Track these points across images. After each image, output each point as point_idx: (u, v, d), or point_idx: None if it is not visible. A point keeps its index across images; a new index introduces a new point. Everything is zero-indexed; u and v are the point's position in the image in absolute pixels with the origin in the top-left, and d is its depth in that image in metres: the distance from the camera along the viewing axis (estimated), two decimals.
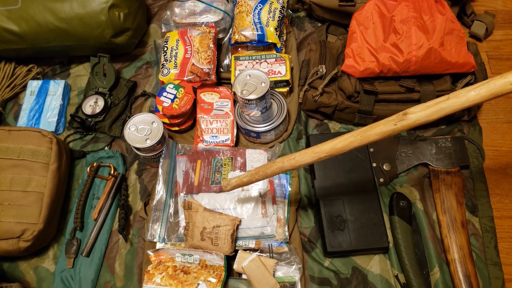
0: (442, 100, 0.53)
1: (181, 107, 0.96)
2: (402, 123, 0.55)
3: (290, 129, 1.01)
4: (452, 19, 0.91)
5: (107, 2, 1.01)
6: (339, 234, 0.84)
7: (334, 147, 0.60)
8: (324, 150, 0.61)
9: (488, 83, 0.50)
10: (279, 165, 0.66)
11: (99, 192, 0.95)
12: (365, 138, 0.57)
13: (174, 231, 0.87)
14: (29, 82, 1.10)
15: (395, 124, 0.56)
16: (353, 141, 0.58)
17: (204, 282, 0.80)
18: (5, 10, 1.01)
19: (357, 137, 0.58)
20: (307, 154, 0.63)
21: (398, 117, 0.56)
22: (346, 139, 0.59)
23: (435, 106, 0.53)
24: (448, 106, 0.52)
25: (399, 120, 0.55)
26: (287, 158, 0.65)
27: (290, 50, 1.11)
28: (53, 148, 0.90)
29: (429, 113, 0.53)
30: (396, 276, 0.84)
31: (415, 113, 0.54)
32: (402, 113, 0.56)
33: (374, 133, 0.57)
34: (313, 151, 0.62)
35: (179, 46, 1.03)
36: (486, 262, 0.85)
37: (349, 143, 0.59)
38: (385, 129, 0.56)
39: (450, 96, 0.52)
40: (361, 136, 0.58)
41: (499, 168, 0.95)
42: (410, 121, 0.55)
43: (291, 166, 0.65)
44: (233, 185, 0.75)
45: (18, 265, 0.90)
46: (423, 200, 0.91)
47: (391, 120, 0.56)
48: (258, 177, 0.70)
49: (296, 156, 0.63)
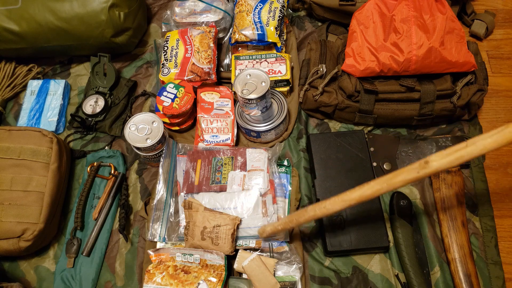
0: (461, 148, 0.56)
1: (182, 106, 0.96)
2: (425, 171, 0.59)
3: (291, 128, 1.01)
4: (452, 18, 0.91)
5: (107, 1, 1.01)
6: (340, 233, 0.84)
7: (363, 195, 0.64)
8: (354, 197, 0.65)
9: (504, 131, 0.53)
10: (311, 214, 0.70)
11: (100, 191, 0.95)
12: (391, 185, 0.62)
13: (175, 231, 0.87)
14: (30, 81, 1.10)
15: (418, 172, 0.59)
16: (380, 189, 0.63)
17: (205, 281, 0.80)
18: (5, 9, 1.01)
19: (383, 185, 0.62)
20: (336, 203, 0.66)
21: (421, 165, 0.59)
22: (373, 187, 0.63)
23: (455, 154, 0.57)
24: (467, 154, 0.56)
25: (422, 168, 0.59)
26: (318, 206, 0.68)
27: (290, 49, 1.11)
28: (54, 148, 0.90)
29: (449, 161, 0.57)
30: (396, 276, 0.84)
31: (437, 161, 0.58)
32: (424, 161, 0.59)
33: (398, 180, 0.61)
34: (342, 199, 0.66)
35: (180, 45, 1.03)
36: (487, 261, 0.85)
37: (376, 190, 0.63)
38: (409, 177, 0.60)
39: (468, 144, 0.56)
40: (387, 184, 0.62)
41: (500, 168, 0.95)
42: (432, 169, 0.58)
43: (323, 214, 0.69)
44: (268, 232, 0.78)
45: (19, 264, 0.90)
46: (423, 199, 0.91)
47: (414, 168, 0.60)
48: (292, 225, 0.73)
49: (327, 204, 0.67)
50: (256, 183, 0.87)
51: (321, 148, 0.93)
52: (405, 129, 1.00)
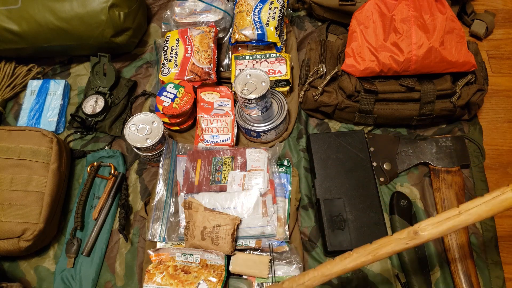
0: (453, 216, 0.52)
1: (182, 106, 0.96)
2: (415, 242, 0.54)
3: (291, 128, 1.01)
4: (452, 18, 0.91)
5: (107, 1, 1.01)
6: (340, 233, 0.84)
7: (345, 268, 0.59)
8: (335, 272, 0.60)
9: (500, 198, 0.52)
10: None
11: (100, 191, 0.95)
12: (376, 257, 0.57)
13: (175, 231, 0.87)
14: (30, 81, 1.10)
15: (407, 243, 0.55)
16: (364, 261, 0.58)
17: (205, 281, 0.80)
18: (5, 9, 1.01)
19: (368, 257, 0.58)
20: (316, 278, 0.61)
21: (409, 235, 0.54)
22: (356, 260, 0.58)
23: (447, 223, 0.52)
24: (460, 223, 0.52)
25: (411, 239, 0.54)
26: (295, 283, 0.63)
27: (290, 49, 1.11)
28: (54, 148, 0.90)
29: (442, 231, 0.53)
30: (396, 276, 0.84)
31: (428, 232, 0.53)
32: (413, 232, 0.54)
33: (385, 252, 0.57)
34: (323, 274, 0.61)
35: (179, 45, 1.03)
36: (487, 261, 0.85)
37: (360, 263, 0.58)
38: (396, 248, 0.56)
39: (461, 211, 0.52)
40: (372, 255, 0.57)
41: (500, 167, 0.95)
42: (423, 239, 0.54)
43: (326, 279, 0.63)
44: None
45: (19, 264, 0.90)
46: (423, 199, 0.91)
47: (402, 239, 0.55)
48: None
49: (305, 280, 0.62)
50: (256, 183, 0.87)
51: (321, 148, 0.93)
52: (405, 129, 1.00)
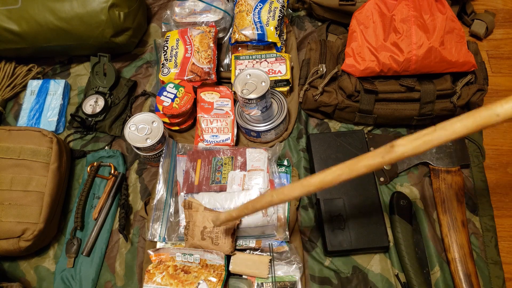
0: (428, 133, 0.54)
1: (181, 106, 0.96)
2: (390, 156, 0.56)
3: (291, 128, 1.01)
4: (452, 18, 0.91)
5: (107, 1, 1.01)
6: (340, 233, 0.84)
7: (323, 180, 0.61)
8: (313, 183, 0.62)
9: (474, 115, 0.51)
10: (267, 199, 0.66)
11: (100, 191, 0.95)
12: (353, 171, 0.58)
13: (175, 231, 0.87)
14: (29, 81, 1.10)
15: (383, 157, 0.56)
16: (340, 174, 0.59)
17: (205, 281, 0.80)
18: (5, 9, 1.01)
19: (344, 170, 0.59)
20: (295, 188, 0.63)
21: (386, 149, 0.56)
22: (334, 172, 0.60)
23: (422, 139, 0.54)
24: (435, 139, 0.53)
25: (387, 152, 0.56)
26: (276, 192, 0.65)
27: (290, 49, 1.11)
28: (54, 148, 0.90)
29: (416, 146, 0.54)
30: (396, 275, 0.84)
31: (403, 146, 0.55)
32: (389, 145, 0.56)
33: (362, 165, 0.58)
34: (301, 184, 0.63)
35: (179, 45, 1.03)
36: (487, 261, 0.85)
37: (337, 176, 0.60)
38: (373, 161, 0.57)
39: (437, 128, 0.53)
40: (349, 169, 0.59)
41: (500, 167, 0.95)
42: (397, 154, 0.55)
43: (280, 200, 0.65)
44: (222, 220, 0.75)
45: (19, 264, 0.90)
46: (423, 199, 0.91)
47: (378, 153, 0.57)
48: (247, 211, 0.70)
49: (285, 190, 0.64)
50: (256, 183, 0.87)
51: (321, 148, 0.93)
52: (405, 129, 1.00)
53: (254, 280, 0.83)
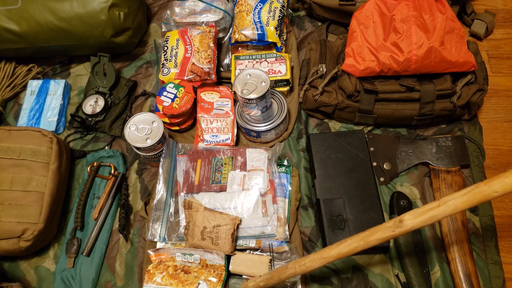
0: (433, 207, 0.60)
1: (181, 106, 0.96)
2: (400, 230, 0.63)
3: (291, 128, 1.01)
4: (452, 18, 0.91)
5: (107, 1, 1.01)
6: (340, 233, 0.84)
7: (341, 252, 0.68)
8: (332, 255, 0.68)
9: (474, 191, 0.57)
10: (291, 271, 0.72)
11: (100, 191, 0.95)
12: (367, 243, 0.66)
13: (175, 231, 0.87)
14: (30, 81, 1.10)
15: (393, 230, 0.63)
16: (356, 246, 0.66)
17: (205, 281, 0.80)
18: (5, 9, 1.01)
19: (360, 243, 0.66)
20: (315, 260, 0.70)
21: (395, 224, 0.63)
22: (350, 245, 0.67)
23: (428, 214, 0.60)
24: (440, 213, 0.60)
25: (396, 227, 0.63)
26: (298, 264, 0.71)
27: (290, 49, 1.11)
28: (54, 148, 0.90)
29: (423, 220, 0.61)
30: (396, 275, 0.84)
31: (410, 221, 0.61)
32: (398, 220, 0.63)
33: (375, 239, 0.65)
34: (321, 256, 0.69)
35: (179, 45, 1.03)
36: (487, 261, 0.85)
37: (353, 248, 0.67)
38: (384, 235, 0.64)
39: (440, 204, 0.60)
40: (364, 241, 0.66)
41: (500, 167, 0.95)
42: (407, 228, 0.62)
43: (302, 271, 0.71)
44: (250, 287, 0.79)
45: (19, 264, 0.90)
46: (423, 199, 0.91)
47: (389, 227, 0.64)
48: (273, 281, 0.75)
49: (306, 262, 0.70)
50: (256, 183, 0.87)
51: (321, 148, 0.93)
52: (405, 129, 1.00)
53: None
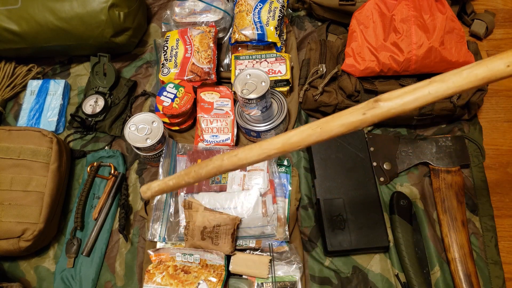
0: (422, 86, 0.42)
1: (181, 106, 0.96)
2: (373, 112, 0.44)
3: (291, 128, 1.01)
4: (452, 18, 0.91)
5: (107, 1, 1.01)
6: (340, 233, 0.84)
7: (287, 142, 0.48)
8: (275, 145, 0.48)
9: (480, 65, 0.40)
10: (216, 164, 0.52)
11: (100, 191, 0.95)
12: (326, 131, 0.45)
13: (175, 231, 0.87)
14: (29, 81, 1.10)
15: (364, 113, 0.44)
16: (311, 133, 0.46)
17: (205, 281, 0.80)
18: (5, 9, 1.01)
19: (316, 130, 0.46)
20: (253, 150, 0.50)
21: (368, 104, 0.44)
22: (302, 132, 0.47)
23: (413, 94, 0.42)
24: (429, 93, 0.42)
25: (369, 108, 0.44)
26: (227, 155, 0.51)
27: (290, 49, 1.11)
28: (54, 148, 0.90)
29: (406, 101, 0.42)
30: (396, 275, 0.84)
31: (389, 101, 0.43)
32: (373, 100, 0.45)
33: (337, 124, 0.45)
34: (260, 146, 0.49)
35: (179, 45, 1.03)
36: (487, 261, 0.85)
37: (306, 136, 0.46)
38: (351, 119, 0.44)
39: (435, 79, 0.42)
40: (321, 128, 0.45)
41: (500, 167, 0.95)
42: (382, 110, 0.43)
43: (233, 164, 0.51)
44: (155, 189, 0.58)
45: (19, 264, 0.90)
46: (423, 199, 0.91)
47: (359, 109, 0.45)
48: (189, 179, 0.55)
49: (239, 152, 0.50)
50: (256, 183, 0.87)
51: (321, 148, 0.93)
52: (405, 129, 1.00)
53: (254, 280, 0.83)
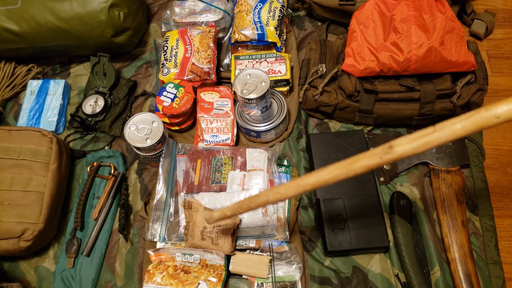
0: (427, 133, 0.53)
1: (181, 106, 0.96)
2: (388, 157, 0.55)
3: (291, 128, 1.01)
4: (452, 18, 0.91)
5: (107, 1, 1.01)
6: (340, 233, 0.84)
7: (320, 180, 0.60)
8: (309, 183, 0.61)
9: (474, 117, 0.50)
10: (263, 199, 0.65)
11: (100, 191, 0.95)
12: (351, 171, 0.57)
13: (175, 231, 0.87)
14: (29, 81, 1.10)
15: (381, 157, 0.55)
16: (338, 174, 0.58)
17: (205, 281, 0.80)
18: (5, 9, 1.01)
19: (343, 170, 0.58)
20: (291, 188, 0.62)
21: (384, 150, 0.55)
22: (331, 172, 0.59)
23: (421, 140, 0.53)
24: (434, 140, 0.52)
25: (385, 153, 0.55)
26: (271, 191, 0.64)
27: (290, 49, 1.11)
28: (53, 148, 0.90)
29: (415, 147, 0.53)
30: (396, 275, 0.84)
31: (401, 147, 0.54)
32: (388, 146, 0.55)
33: (359, 166, 0.57)
34: (298, 184, 0.62)
35: (179, 45, 1.03)
36: (487, 261, 0.85)
37: (334, 176, 0.58)
38: (370, 162, 0.56)
39: (436, 129, 0.52)
40: (347, 169, 0.57)
41: (500, 167, 0.95)
42: (396, 155, 0.54)
43: (276, 199, 0.64)
44: (216, 218, 0.74)
45: (19, 264, 0.90)
46: (423, 199, 0.91)
47: (376, 154, 0.56)
48: (242, 210, 0.69)
49: (281, 190, 0.63)
50: (256, 183, 0.87)
51: (321, 148, 0.93)
52: (405, 129, 1.00)
53: (254, 280, 0.83)
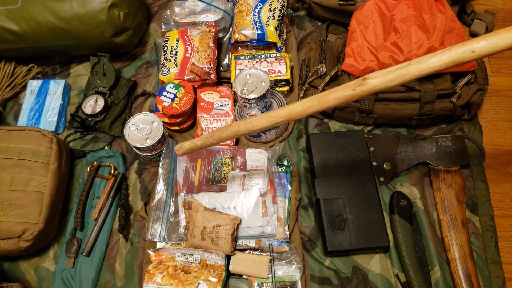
0: (402, 66, 0.53)
1: (181, 106, 0.96)
2: (361, 88, 0.54)
3: (290, 128, 1.01)
4: (452, 18, 0.91)
5: (107, 1, 1.01)
6: (340, 233, 0.84)
7: (292, 112, 0.60)
8: (281, 114, 0.60)
9: (450, 50, 0.50)
10: (234, 129, 0.65)
11: (100, 191, 0.95)
12: (323, 102, 0.57)
13: (175, 231, 0.87)
14: (29, 81, 1.10)
15: (354, 89, 0.55)
16: (310, 105, 0.58)
17: (205, 281, 0.80)
18: (5, 9, 1.01)
19: (314, 102, 0.58)
20: (263, 118, 0.62)
21: (357, 82, 0.55)
22: (304, 104, 0.59)
23: (395, 72, 0.53)
24: (408, 73, 0.52)
25: (358, 85, 0.55)
26: (243, 122, 0.64)
27: (290, 49, 1.11)
28: (53, 148, 0.90)
29: (389, 79, 0.53)
30: (396, 275, 0.84)
31: (375, 78, 0.54)
32: (361, 78, 0.55)
33: (332, 98, 0.57)
34: (269, 115, 0.61)
35: (179, 45, 1.03)
36: (487, 261, 0.85)
37: (306, 107, 0.58)
38: (343, 94, 0.56)
39: (411, 62, 0.52)
40: (319, 101, 0.57)
41: (500, 167, 0.95)
42: (369, 87, 0.54)
43: (247, 130, 0.64)
44: (186, 148, 0.73)
45: (19, 264, 0.90)
46: (423, 199, 0.91)
47: (350, 85, 0.55)
48: (213, 140, 0.68)
49: (252, 120, 0.63)
50: (256, 183, 0.87)
51: (321, 148, 0.93)
52: (405, 129, 1.00)
53: (254, 280, 0.83)
